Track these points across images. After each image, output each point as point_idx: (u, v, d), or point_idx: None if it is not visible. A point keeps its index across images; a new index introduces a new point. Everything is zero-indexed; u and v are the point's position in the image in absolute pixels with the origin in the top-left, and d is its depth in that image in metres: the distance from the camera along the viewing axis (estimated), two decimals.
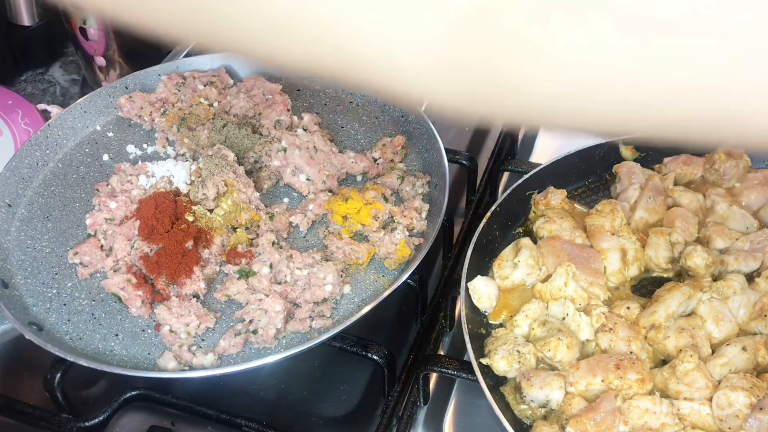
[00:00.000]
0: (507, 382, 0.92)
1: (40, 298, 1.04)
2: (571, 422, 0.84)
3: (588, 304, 0.99)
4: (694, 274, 1.02)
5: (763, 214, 1.09)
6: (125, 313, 1.02)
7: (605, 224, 1.06)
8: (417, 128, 1.23)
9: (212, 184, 1.08)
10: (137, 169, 1.20)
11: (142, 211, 1.08)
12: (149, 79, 1.35)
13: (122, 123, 1.32)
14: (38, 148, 1.22)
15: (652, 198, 1.10)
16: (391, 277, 1.06)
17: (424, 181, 1.17)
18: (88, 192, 1.19)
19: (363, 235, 1.11)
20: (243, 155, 1.20)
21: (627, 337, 0.93)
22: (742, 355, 0.90)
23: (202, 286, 1.03)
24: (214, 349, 0.97)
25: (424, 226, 1.10)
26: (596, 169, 1.19)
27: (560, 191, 1.12)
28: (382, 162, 1.21)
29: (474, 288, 0.99)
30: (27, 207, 1.16)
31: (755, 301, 0.97)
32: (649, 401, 0.86)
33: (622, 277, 1.04)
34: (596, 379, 0.88)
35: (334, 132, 1.28)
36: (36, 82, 1.63)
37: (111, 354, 0.98)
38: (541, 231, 1.08)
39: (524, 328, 0.97)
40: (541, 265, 1.02)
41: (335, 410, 1.03)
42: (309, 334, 0.99)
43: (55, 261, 1.09)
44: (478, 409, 1.03)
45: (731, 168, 1.12)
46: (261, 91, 1.30)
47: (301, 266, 1.03)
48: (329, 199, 1.14)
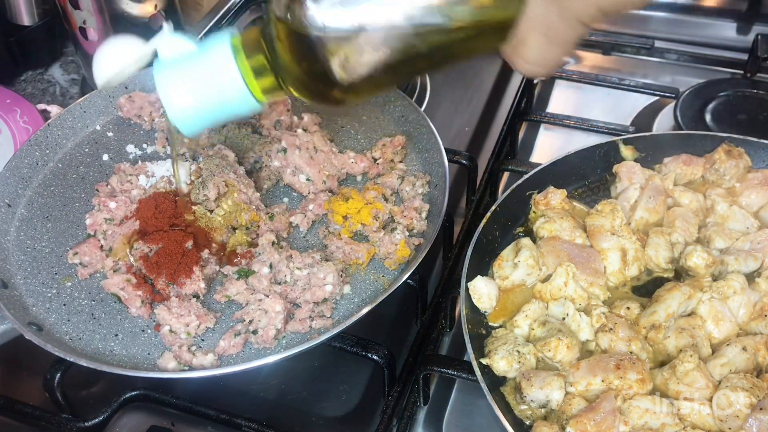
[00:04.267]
0: (507, 383, 0.92)
1: (40, 298, 1.04)
2: (571, 422, 0.84)
3: (588, 304, 0.99)
4: (694, 274, 1.02)
5: (763, 214, 1.09)
6: (125, 313, 1.02)
7: (605, 224, 1.06)
8: (417, 128, 1.23)
9: (213, 185, 1.08)
10: (137, 169, 1.20)
11: (142, 211, 1.08)
12: (149, 79, 1.35)
13: (122, 123, 1.32)
14: (38, 148, 1.22)
15: (652, 198, 1.10)
16: (391, 277, 1.06)
17: (424, 181, 1.17)
18: (87, 192, 1.19)
19: (363, 235, 1.11)
20: (243, 155, 1.20)
21: (627, 337, 0.93)
22: (742, 355, 0.90)
23: (201, 286, 1.03)
24: (214, 349, 0.97)
25: (424, 226, 1.10)
26: (596, 169, 1.19)
27: (560, 191, 1.12)
28: (382, 162, 1.21)
29: (474, 288, 0.99)
30: (27, 207, 1.16)
31: (755, 301, 0.96)
32: (649, 401, 0.86)
33: (622, 277, 1.03)
34: (596, 379, 0.88)
35: (334, 132, 1.28)
36: (36, 82, 1.63)
37: (111, 354, 0.98)
38: (541, 231, 1.08)
39: (524, 328, 0.97)
40: (541, 265, 1.02)
41: (335, 410, 1.03)
42: (309, 335, 0.99)
43: (55, 261, 1.09)
44: (478, 409, 1.03)
45: (731, 168, 1.12)
46: None
47: (301, 266, 1.03)
48: (329, 199, 1.14)
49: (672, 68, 1.61)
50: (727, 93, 1.44)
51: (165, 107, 0.78)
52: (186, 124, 0.80)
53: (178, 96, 0.77)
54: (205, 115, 0.79)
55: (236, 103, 0.78)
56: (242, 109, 0.79)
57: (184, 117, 0.79)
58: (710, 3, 1.70)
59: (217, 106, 0.78)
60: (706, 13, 1.69)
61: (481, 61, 1.66)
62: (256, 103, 0.78)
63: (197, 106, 0.77)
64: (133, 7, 1.48)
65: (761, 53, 1.46)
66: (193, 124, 0.80)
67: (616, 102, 1.52)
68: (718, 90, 1.44)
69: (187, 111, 0.78)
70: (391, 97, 1.29)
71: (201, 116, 0.79)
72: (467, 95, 1.57)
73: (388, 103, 1.30)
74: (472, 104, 1.55)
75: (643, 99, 1.50)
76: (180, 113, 0.78)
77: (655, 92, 1.46)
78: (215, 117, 0.80)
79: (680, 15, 1.69)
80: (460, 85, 1.59)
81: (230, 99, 0.77)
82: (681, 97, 1.41)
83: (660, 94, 1.46)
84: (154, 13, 1.53)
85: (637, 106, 1.50)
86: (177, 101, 0.77)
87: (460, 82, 1.60)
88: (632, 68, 1.62)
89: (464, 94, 1.57)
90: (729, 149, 1.13)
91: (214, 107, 0.78)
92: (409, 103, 1.26)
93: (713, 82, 1.46)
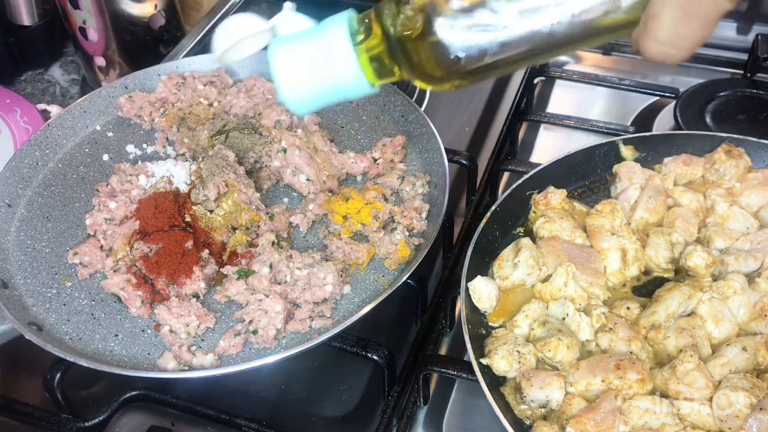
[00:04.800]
0: (507, 382, 0.92)
1: (40, 298, 1.04)
2: (572, 422, 0.84)
3: (588, 304, 0.99)
4: (694, 274, 1.02)
5: (763, 214, 1.09)
6: (125, 313, 1.02)
7: (605, 224, 1.06)
8: (417, 128, 1.23)
9: (213, 185, 1.08)
10: (137, 169, 1.20)
11: (142, 211, 1.08)
12: (149, 79, 1.35)
13: (122, 123, 1.32)
14: (38, 148, 1.22)
15: (652, 198, 1.10)
16: (391, 277, 1.06)
17: (424, 181, 1.16)
18: (87, 192, 1.19)
19: (363, 235, 1.11)
20: (243, 155, 1.20)
21: (627, 337, 0.93)
22: (742, 355, 0.90)
23: (202, 286, 1.03)
24: (214, 349, 0.97)
25: (424, 226, 1.10)
26: (596, 169, 1.19)
27: (560, 191, 1.12)
28: (382, 162, 1.21)
29: (474, 288, 0.99)
30: (27, 207, 1.16)
31: (755, 301, 0.96)
32: (649, 401, 0.86)
33: (622, 277, 1.04)
34: (596, 379, 0.88)
35: (334, 132, 1.28)
36: (36, 82, 1.63)
37: (111, 354, 0.98)
38: (541, 231, 1.08)
39: (524, 328, 0.97)
40: (541, 265, 1.02)
41: (335, 410, 1.03)
42: (309, 335, 0.99)
43: (55, 261, 1.09)
44: (478, 409, 1.03)
45: (731, 168, 1.12)
46: (261, 91, 1.31)
47: (301, 266, 1.03)
48: (329, 199, 1.14)
49: (672, 68, 1.61)
50: (727, 93, 1.44)
51: (276, 85, 0.78)
52: (296, 103, 0.79)
53: (291, 74, 0.77)
54: (316, 96, 0.79)
55: (349, 86, 0.77)
56: (354, 93, 0.79)
57: (294, 96, 0.78)
58: None
59: (330, 87, 0.78)
60: None
61: None
62: (368, 87, 0.78)
63: (309, 86, 0.77)
64: (133, 7, 1.48)
65: (761, 53, 1.46)
66: (303, 104, 0.80)
67: (616, 102, 1.52)
68: (718, 90, 1.44)
69: (299, 90, 0.78)
70: (391, 97, 1.29)
71: (312, 96, 0.79)
72: (467, 95, 1.57)
73: (388, 103, 1.30)
74: (472, 104, 1.55)
75: (643, 99, 1.50)
76: (291, 92, 0.78)
77: (655, 92, 1.46)
78: (326, 98, 0.79)
79: None
80: None
81: (343, 81, 0.77)
82: (681, 97, 1.41)
83: (660, 94, 1.46)
84: (154, 13, 1.53)
85: (637, 106, 1.51)
86: (289, 80, 0.77)
87: None
88: (632, 68, 1.63)
89: (464, 94, 1.57)
90: (729, 149, 1.13)
91: (326, 88, 0.78)
92: (409, 103, 1.26)
93: (713, 82, 1.46)
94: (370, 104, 1.32)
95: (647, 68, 1.62)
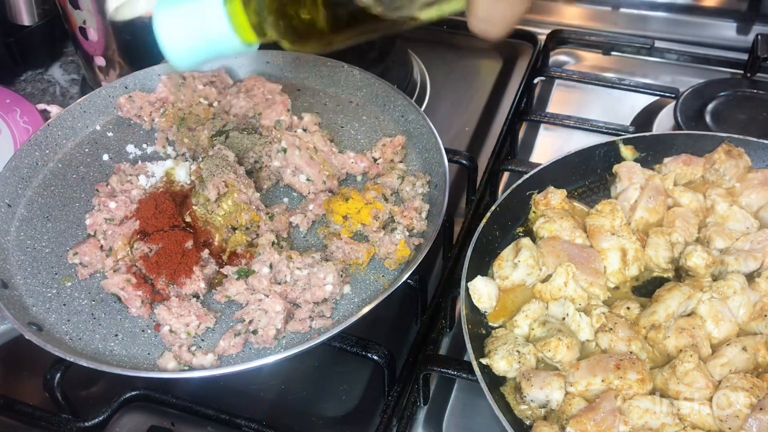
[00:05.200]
0: (507, 382, 0.92)
1: (40, 298, 1.04)
2: (572, 422, 0.84)
3: (588, 304, 0.99)
4: (694, 274, 1.02)
5: (763, 214, 1.09)
6: (125, 313, 1.02)
7: (605, 224, 1.06)
8: (417, 128, 1.23)
9: (213, 185, 1.08)
10: (137, 169, 1.20)
11: (142, 211, 1.08)
12: (149, 79, 1.35)
13: (122, 123, 1.32)
14: (38, 148, 1.22)
15: (652, 198, 1.10)
16: (391, 277, 1.06)
17: (424, 181, 1.16)
18: (87, 192, 1.19)
19: (363, 235, 1.11)
20: (243, 155, 1.20)
21: (627, 337, 0.93)
22: (742, 355, 0.90)
23: (202, 286, 1.03)
24: (214, 349, 0.97)
25: (424, 226, 1.10)
26: (596, 169, 1.19)
27: (560, 191, 1.12)
28: (382, 162, 1.21)
29: (474, 288, 0.99)
30: (27, 207, 1.16)
31: (755, 301, 0.97)
32: (649, 401, 0.86)
33: (622, 277, 1.04)
34: (596, 379, 0.88)
35: (334, 132, 1.28)
36: (36, 82, 1.63)
37: (111, 354, 0.98)
38: (541, 231, 1.08)
39: (524, 328, 0.97)
40: (541, 265, 1.02)
41: (335, 410, 1.03)
42: (309, 335, 0.99)
43: (55, 261, 1.09)
44: (478, 409, 1.03)
45: (731, 168, 1.12)
46: (261, 91, 1.30)
47: (301, 266, 1.03)
48: (329, 199, 1.14)
49: (672, 68, 1.61)
50: (727, 93, 1.44)
51: (159, 41, 0.84)
52: (178, 58, 0.85)
53: (172, 31, 0.83)
54: (195, 52, 0.85)
55: (223, 43, 0.84)
56: (229, 50, 0.85)
57: (176, 51, 0.84)
58: (710, 3, 1.69)
59: (207, 44, 0.84)
60: (706, 13, 1.69)
61: (482, 60, 1.66)
62: (242, 45, 0.84)
63: (189, 42, 0.84)
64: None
65: (761, 53, 1.46)
66: (184, 59, 0.86)
67: (616, 102, 1.52)
68: (718, 90, 1.44)
69: (179, 46, 0.84)
70: (391, 97, 1.29)
71: (192, 52, 0.85)
72: (467, 95, 1.57)
73: (388, 103, 1.30)
74: (472, 104, 1.55)
75: (643, 99, 1.50)
76: (172, 48, 0.84)
77: (655, 92, 1.46)
78: (205, 54, 0.86)
79: (680, 15, 1.69)
80: (460, 85, 1.59)
81: (217, 39, 0.83)
82: (681, 97, 1.41)
83: (660, 94, 1.46)
84: None
85: (637, 106, 1.50)
86: (170, 36, 0.84)
87: (460, 82, 1.60)
88: (632, 68, 1.62)
89: (464, 94, 1.57)
90: (729, 149, 1.13)
91: (204, 45, 0.84)
92: (409, 103, 1.26)
93: (713, 82, 1.47)
94: (370, 104, 1.32)
95: (647, 68, 1.62)
